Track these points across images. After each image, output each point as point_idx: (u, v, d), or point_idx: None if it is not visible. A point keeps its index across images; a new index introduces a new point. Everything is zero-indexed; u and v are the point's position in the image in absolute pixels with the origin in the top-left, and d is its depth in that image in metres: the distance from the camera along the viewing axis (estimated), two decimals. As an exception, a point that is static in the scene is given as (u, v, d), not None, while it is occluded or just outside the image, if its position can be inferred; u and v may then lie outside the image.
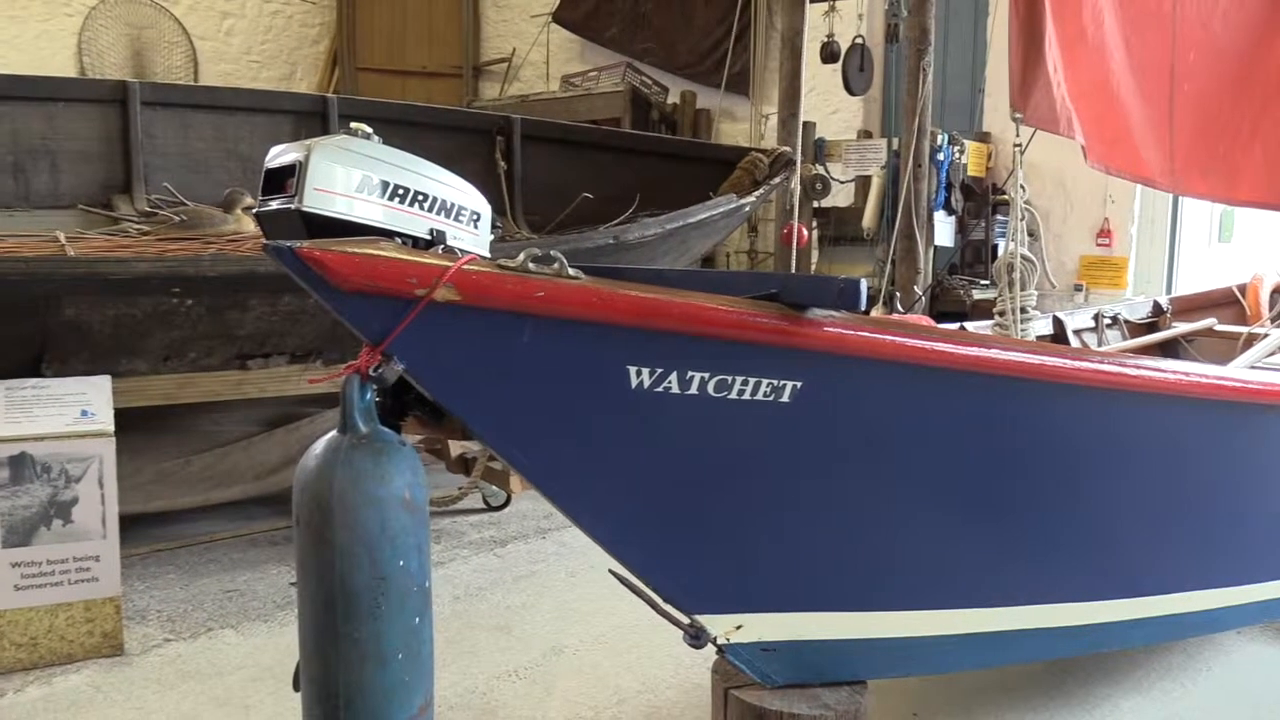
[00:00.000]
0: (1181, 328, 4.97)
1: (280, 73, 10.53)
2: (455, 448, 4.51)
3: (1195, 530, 2.58)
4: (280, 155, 1.89)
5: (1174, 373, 2.33)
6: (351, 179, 1.85)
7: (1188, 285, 7.06)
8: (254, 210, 2.01)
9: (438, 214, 1.99)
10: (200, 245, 4.22)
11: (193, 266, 3.63)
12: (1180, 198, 7.17)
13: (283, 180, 1.86)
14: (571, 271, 1.61)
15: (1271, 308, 5.00)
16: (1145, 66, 3.48)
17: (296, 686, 1.71)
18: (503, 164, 5.82)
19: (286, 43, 10.59)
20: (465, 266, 1.55)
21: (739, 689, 2.07)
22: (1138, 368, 2.29)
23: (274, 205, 1.86)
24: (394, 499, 1.58)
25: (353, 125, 1.97)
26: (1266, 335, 4.45)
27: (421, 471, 1.64)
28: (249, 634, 3.42)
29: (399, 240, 1.76)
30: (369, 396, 1.61)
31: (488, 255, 1.98)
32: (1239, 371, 2.87)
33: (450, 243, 1.93)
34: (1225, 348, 4.60)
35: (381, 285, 1.51)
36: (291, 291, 3.68)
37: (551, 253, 1.60)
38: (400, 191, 1.92)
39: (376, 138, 1.95)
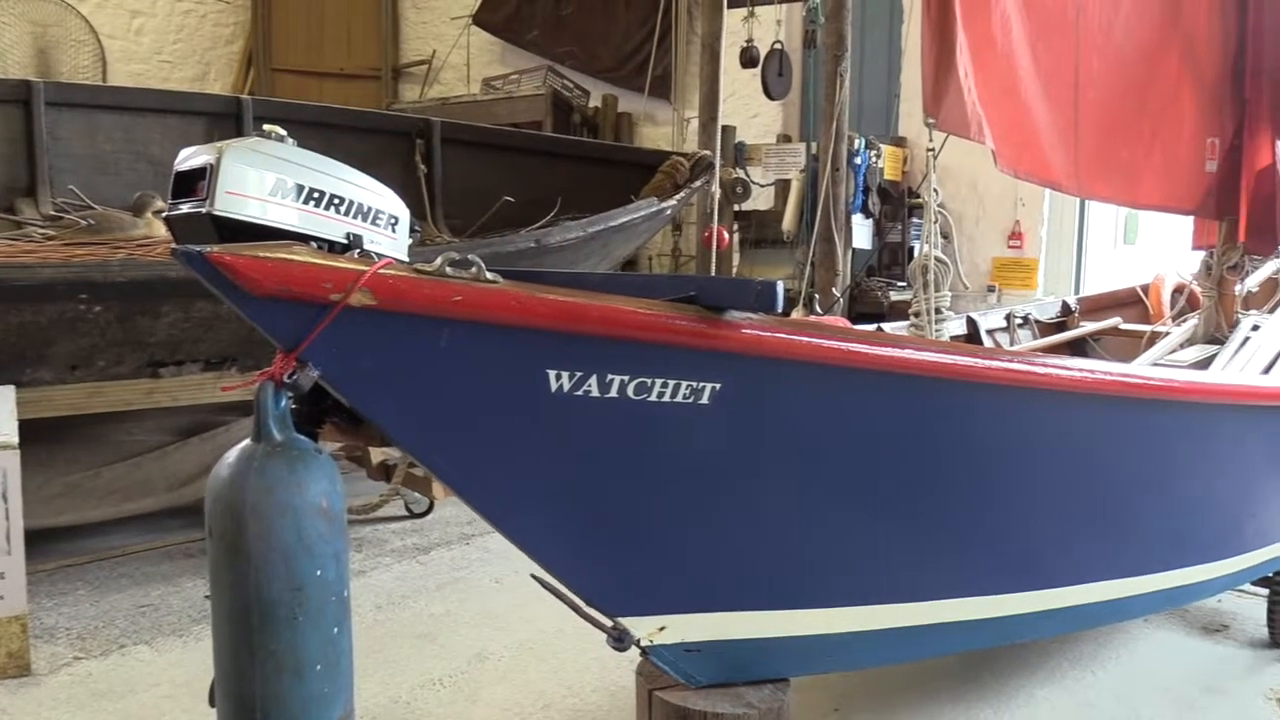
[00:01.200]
0: (1088, 327, 5.14)
1: (193, 73, 10.28)
2: (376, 454, 4.44)
3: (1102, 523, 2.66)
4: (191, 158, 1.85)
5: (1081, 371, 2.40)
6: (265, 182, 1.82)
7: (1094, 286, 7.30)
8: (164, 214, 1.96)
9: (354, 218, 1.96)
10: (109, 250, 4.10)
11: (101, 272, 3.53)
12: (1086, 201, 7.41)
13: (193, 183, 1.82)
14: (490, 275, 1.60)
15: (1172, 307, 5.19)
16: (1051, 74, 3.58)
17: (212, 702, 1.68)
18: (422, 167, 5.76)
19: (199, 43, 10.34)
20: (381, 271, 1.53)
21: (663, 690, 2.08)
22: (1046, 366, 2.36)
23: (184, 209, 1.81)
24: (310, 507, 1.55)
25: (266, 127, 1.94)
26: (1168, 333, 4.62)
27: (339, 479, 1.62)
28: (163, 650, 3.33)
29: (314, 245, 1.73)
30: (283, 404, 1.58)
31: (406, 259, 1.96)
32: (1142, 369, 2.97)
33: (367, 247, 1.91)
34: (1129, 346, 4.76)
35: (295, 290, 1.49)
36: (205, 297, 3.60)
37: (469, 257, 1.59)
38: (316, 195, 1.88)
39: (291, 140, 1.92)
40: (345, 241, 1.91)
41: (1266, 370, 3.90)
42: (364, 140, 5.54)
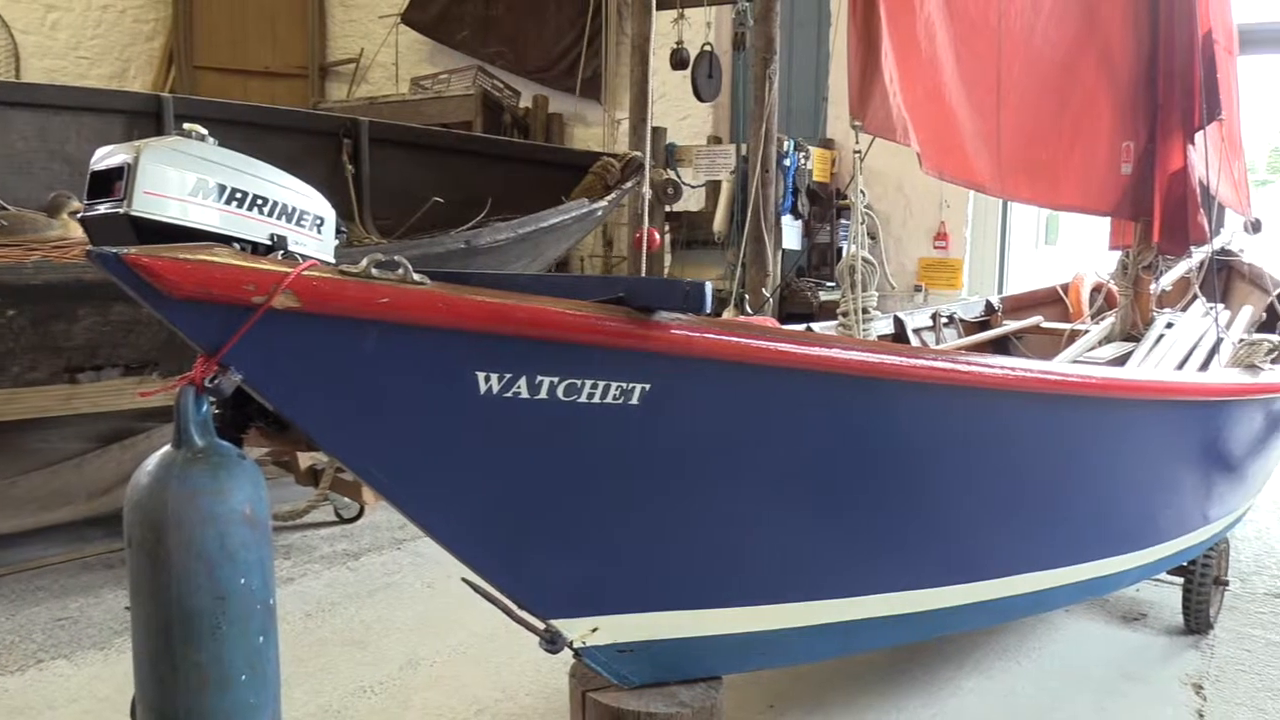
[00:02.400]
0: (1011, 325, 5.26)
1: (111, 70, 10.01)
2: (304, 459, 4.35)
3: (1026, 516, 2.72)
4: (108, 157, 1.80)
5: (1003, 369, 2.46)
6: (185, 182, 1.78)
7: (1017, 285, 7.48)
8: (80, 215, 1.91)
9: (278, 219, 1.94)
10: (22, 252, 3.96)
11: (14, 275, 3.41)
12: (1009, 202, 7.58)
13: (110, 183, 1.77)
14: (417, 277, 1.58)
15: (1091, 305, 5.34)
16: (974, 78, 3.65)
17: (134, 717, 1.63)
18: (350, 167, 5.69)
19: (118, 39, 10.07)
20: (306, 272, 1.50)
21: (596, 691, 2.08)
22: (971, 365, 2.40)
23: (101, 210, 1.77)
24: (233, 514, 1.52)
25: (187, 126, 1.90)
26: (1087, 331, 4.75)
27: (263, 485, 1.59)
28: (83, 664, 3.24)
29: (237, 246, 1.70)
30: (205, 409, 1.55)
31: (332, 261, 1.94)
32: (1062, 366, 3.05)
33: (292, 248, 1.88)
34: (1050, 343, 4.89)
35: (216, 293, 1.46)
36: (124, 300, 3.50)
37: (396, 258, 1.57)
38: (238, 195, 1.85)
39: (212, 139, 1.89)
40: (269, 243, 1.88)
41: (1180, 366, 4.03)
42: (289, 140, 5.45)
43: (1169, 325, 4.48)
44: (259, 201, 1.87)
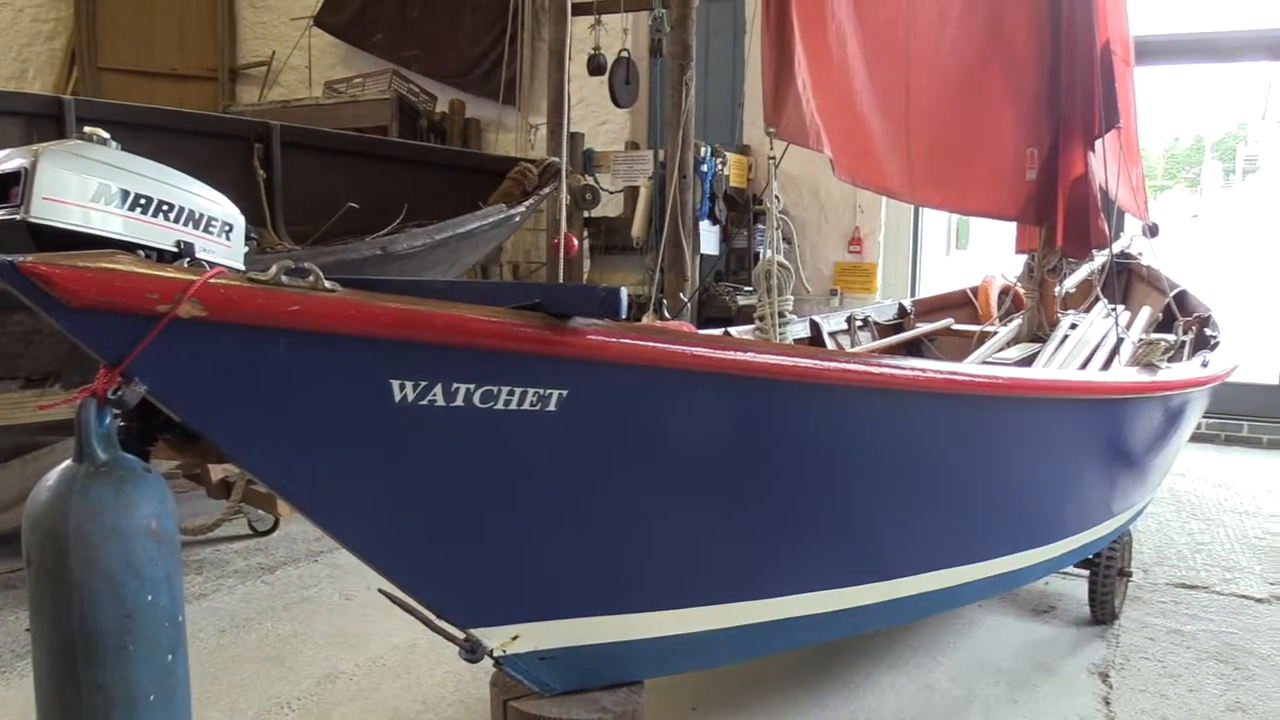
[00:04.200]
0: (924, 328, 5.39)
1: (9, 71, 9.65)
2: (215, 471, 4.26)
3: (939, 515, 2.78)
4: (4, 161, 1.75)
5: (915, 370, 2.51)
6: (87, 188, 1.74)
7: (929, 288, 7.66)
8: (-28, 222, 1.84)
9: (185, 225, 1.90)
10: (-88, 261, 3.80)
11: (-97, 284, 3.27)
12: (920, 208, 7.76)
13: (7, 189, 1.72)
14: (328, 284, 1.55)
15: (1000, 307, 5.48)
16: (884, 86, 3.72)
17: (36, 741, 1.58)
18: (262, 173, 5.56)
19: (15, 38, 9.72)
20: (212, 280, 1.47)
21: (518, 700, 2.07)
22: (884, 367, 2.45)
23: (-5, 217, 1.71)
24: (139, 530, 1.47)
25: (88, 130, 1.86)
26: (995, 333, 4.88)
27: (169, 498, 1.55)
28: (-19, 688, 3.12)
29: (141, 253, 1.66)
30: (108, 421, 1.50)
31: (241, 268, 1.90)
32: (971, 367, 3.13)
33: (199, 255, 1.84)
34: (961, 345, 5.01)
35: (118, 302, 1.42)
36: (23, 310, 3.38)
37: (306, 265, 1.55)
38: (142, 201, 1.81)
39: (115, 143, 1.84)
40: (175, 250, 1.85)
41: (1083, 366, 4.17)
42: (198, 144, 5.30)
43: (1073, 326, 4.62)
44: (164, 207, 1.83)
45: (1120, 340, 4.13)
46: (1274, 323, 7.41)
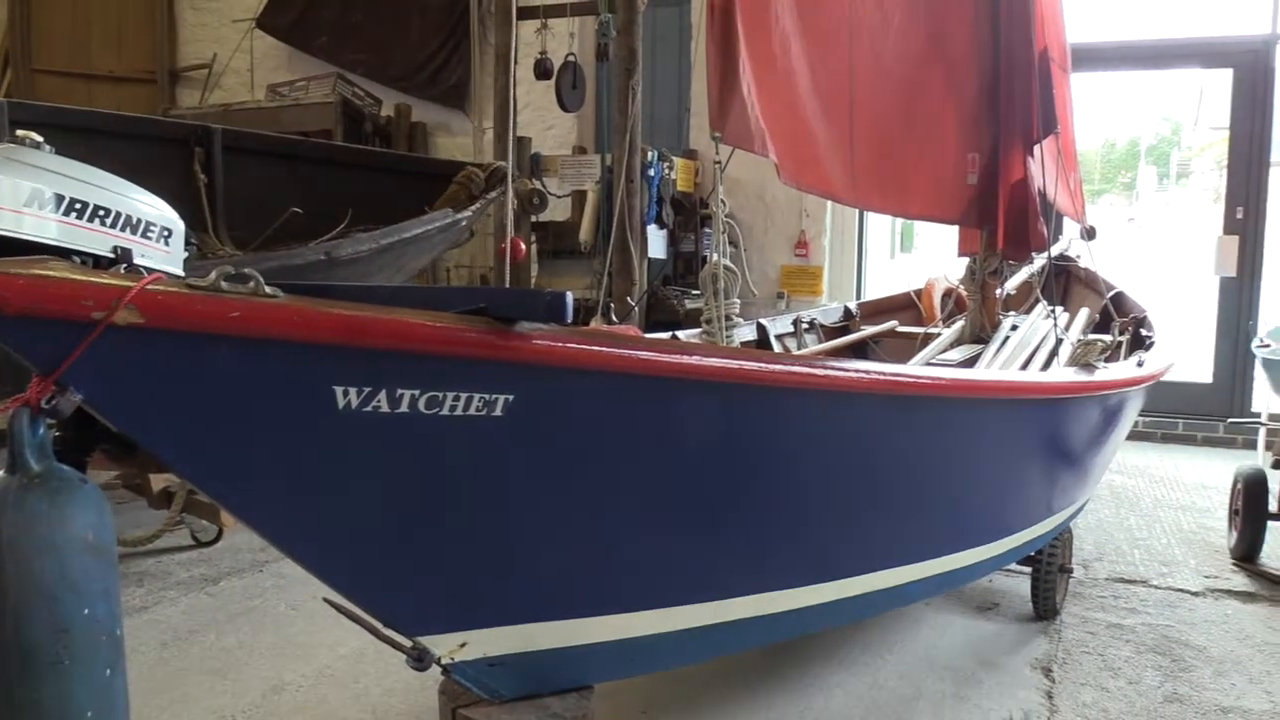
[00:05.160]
0: (869, 330, 5.45)
1: (-63, 73, 9.40)
2: (156, 481, 4.18)
3: (885, 514, 2.81)
4: (-71, 167, 1.70)
5: (859, 372, 2.54)
6: (19, 192, 1.70)
7: (874, 291, 7.74)
8: (-102, 228, 1.79)
9: (122, 230, 1.86)
10: None
11: None
12: (864, 212, 7.85)
13: (-68, 195, 1.67)
14: (269, 290, 1.53)
15: (943, 309, 5.57)
16: (828, 92, 3.77)
17: (-33, 761, 1.54)
18: (202, 177, 5.47)
19: (-56, 39, 9.47)
20: (150, 287, 1.44)
21: (467, 707, 2.06)
22: (829, 369, 2.48)
23: (-78, 223, 1.67)
24: (75, 542, 1.44)
25: (20, 133, 1.82)
26: (939, 334, 4.95)
27: (107, 509, 1.52)
28: (-89, 707, 3.02)
29: (76, 259, 1.63)
30: (41, 432, 1.47)
31: (181, 274, 1.87)
32: (915, 369, 3.16)
33: (137, 261, 1.81)
34: (905, 346, 5.08)
35: (51, 309, 1.39)
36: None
37: (246, 270, 1.52)
38: (78, 206, 1.78)
39: (48, 147, 1.81)
40: (112, 255, 1.81)
41: (1024, 366, 4.24)
42: (136, 148, 5.20)
43: (1014, 327, 4.71)
44: (100, 212, 1.79)
45: (1059, 341, 4.21)
46: (1207, 323, 7.60)
